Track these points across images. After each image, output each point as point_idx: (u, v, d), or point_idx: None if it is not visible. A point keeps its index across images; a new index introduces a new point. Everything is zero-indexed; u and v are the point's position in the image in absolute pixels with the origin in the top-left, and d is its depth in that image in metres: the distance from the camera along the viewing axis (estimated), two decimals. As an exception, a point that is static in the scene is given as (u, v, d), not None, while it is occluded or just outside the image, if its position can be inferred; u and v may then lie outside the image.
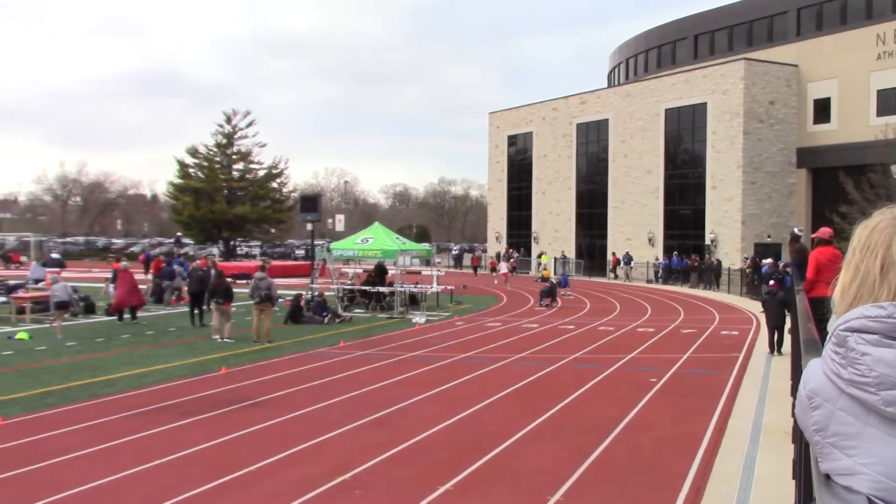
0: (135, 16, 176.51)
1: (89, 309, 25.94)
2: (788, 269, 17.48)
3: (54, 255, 49.31)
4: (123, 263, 25.04)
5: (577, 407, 12.50)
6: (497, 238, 63.91)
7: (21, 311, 24.07)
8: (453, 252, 72.62)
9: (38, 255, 44.75)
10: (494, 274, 49.58)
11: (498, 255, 60.31)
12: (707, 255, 44.31)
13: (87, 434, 10.42)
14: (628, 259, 48.62)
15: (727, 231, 45.51)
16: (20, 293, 26.22)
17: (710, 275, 41.47)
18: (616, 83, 63.80)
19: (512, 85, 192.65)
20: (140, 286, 25.18)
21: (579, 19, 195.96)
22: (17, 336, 19.93)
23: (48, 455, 9.37)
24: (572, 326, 24.00)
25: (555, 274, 44.96)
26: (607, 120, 53.80)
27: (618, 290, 40.20)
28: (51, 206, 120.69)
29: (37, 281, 30.91)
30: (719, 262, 42.41)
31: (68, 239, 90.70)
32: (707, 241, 46.19)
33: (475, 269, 58.26)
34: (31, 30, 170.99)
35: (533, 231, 60.11)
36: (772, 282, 18.85)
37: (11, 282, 29.95)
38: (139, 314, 24.22)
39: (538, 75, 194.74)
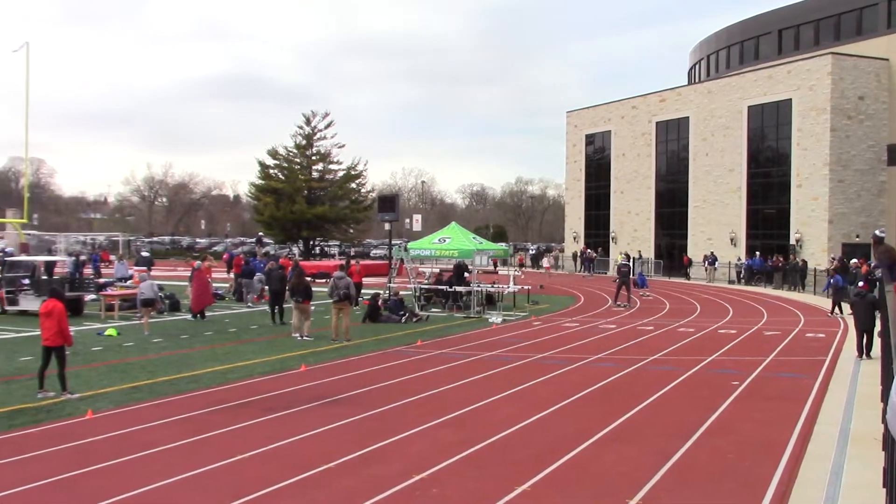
0: (220, 20, 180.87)
1: (174, 307, 26.65)
2: (879, 271, 16.89)
3: (144, 253, 50.77)
4: (197, 263, 25.69)
5: (656, 409, 12.31)
6: (574, 238, 63.42)
7: (110, 308, 24.88)
8: (530, 252, 72.37)
9: (121, 254, 46.19)
10: (520, 270, 50.56)
11: (575, 255, 59.93)
12: (792, 256, 43.13)
13: (173, 428, 10.70)
14: (713, 259, 47.60)
15: (813, 231, 44.20)
16: (109, 291, 27.13)
17: (795, 276, 40.34)
18: (697, 80, 62.64)
19: (590, 83, 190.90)
20: (223, 284, 25.68)
21: (659, 16, 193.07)
22: (106, 332, 20.60)
23: (136, 448, 9.65)
24: (651, 327, 23.65)
25: (632, 274, 44.39)
26: (688, 118, 52.86)
27: (698, 291, 39.46)
28: (138, 207, 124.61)
29: (121, 279, 31.92)
30: (805, 262, 41.22)
31: (155, 238, 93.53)
32: (792, 242, 44.96)
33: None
34: (122, 36, 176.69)
35: (611, 231, 59.46)
36: (861, 283, 18.26)
37: (101, 280, 30.97)
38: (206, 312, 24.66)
39: (616, 73, 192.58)
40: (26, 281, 25.73)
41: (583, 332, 22.61)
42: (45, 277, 26.89)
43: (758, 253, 45.24)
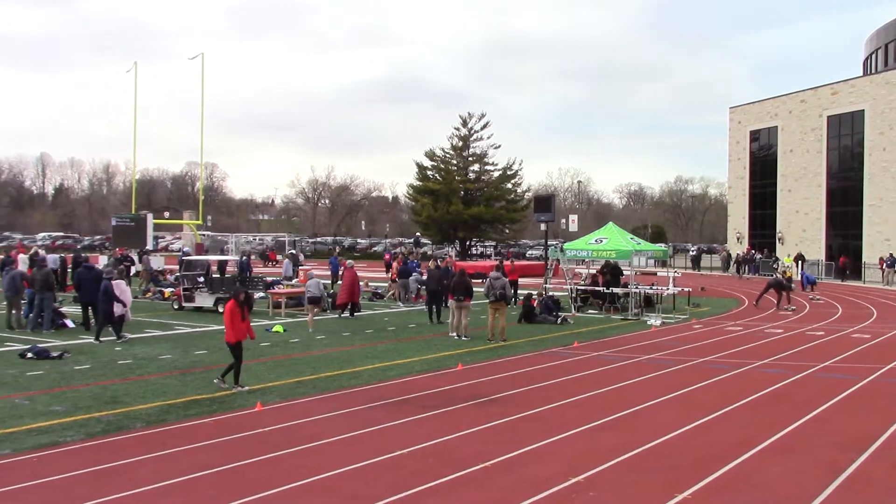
0: (378, 25, 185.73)
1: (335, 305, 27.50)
2: None
3: (291, 251, 52.88)
4: (349, 262, 26.61)
5: (827, 419, 11.68)
6: (738, 238, 61.11)
7: (277, 305, 25.98)
8: (691, 253, 70.30)
9: (288, 254, 48.26)
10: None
11: (739, 256, 57.70)
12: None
13: (335, 422, 11.06)
14: (891, 261, 44.66)
15: None
16: (276, 289, 28.35)
17: None
18: (873, 70, 59.01)
19: (754, 78, 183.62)
20: (382, 284, 26.16)
21: (831, 5, 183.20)
22: (274, 329, 21.51)
23: (301, 440, 10.04)
24: (822, 332, 22.46)
25: (797, 277, 42.38)
26: (863, 111, 49.90)
27: (875, 295, 37.15)
28: (303, 208, 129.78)
29: (288, 278, 33.38)
30: None
31: (318, 239, 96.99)
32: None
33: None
34: (287, 45, 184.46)
35: (777, 231, 56.90)
36: None
37: (269, 278, 32.42)
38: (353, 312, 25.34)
39: (782, 67, 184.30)
40: (201, 279, 27.29)
41: (747, 336, 21.74)
42: (216, 276, 28.45)
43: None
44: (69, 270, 32.20)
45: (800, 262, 48.90)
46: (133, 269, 35.09)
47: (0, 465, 8.93)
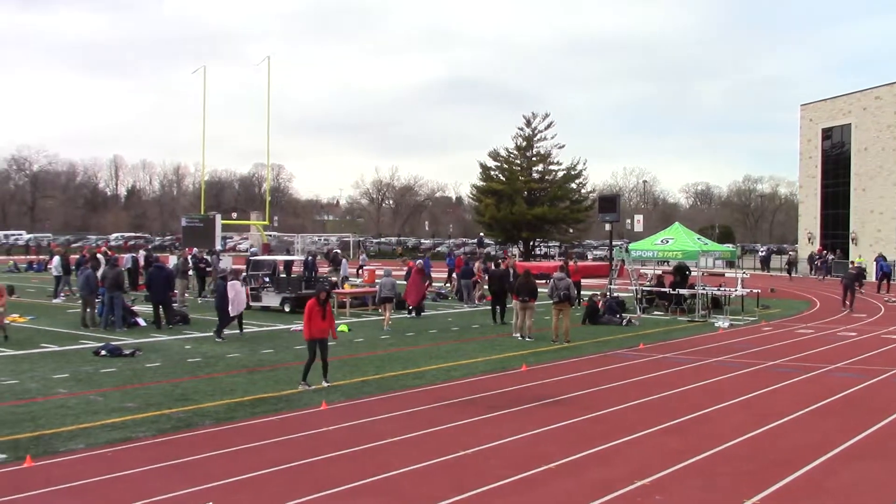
0: (446, 26, 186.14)
1: (400, 305, 27.63)
2: None
3: (336, 251, 53.17)
4: (418, 262, 26.83)
5: (904, 425, 11.33)
6: (809, 239, 59.66)
7: (342, 305, 26.22)
8: (760, 254, 68.90)
9: (345, 254, 48.64)
10: None
11: (811, 257, 56.31)
12: None
13: (400, 422, 11.12)
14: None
15: None
16: (341, 289, 28.62)
17: None
18: (952, 66, 57.08)
19: (825, 75, 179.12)
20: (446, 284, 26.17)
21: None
22: (339, 328, 21.67)
23: (365, 439, 10.11)
24: (898, 336, 21.79)
25: (873, 279, 41.14)
26: (942, 107, 48.29)
27: (953, 297, 35.87)
28: (367, 209, 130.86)
29: (345, 278, 33.81)
30: None
31: (382, 239, 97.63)
32: None
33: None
34: (355, 46, 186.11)
35: (851, 231, 55.37)
36: None
37: (334, 278, 32.75)
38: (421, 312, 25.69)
39: (855, 63, 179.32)
40: (268, 279, 27.70)
41: (818, 339, 21.21)
42: (283, 275, 28.87)
43: None
44: (141, 270, 32.98)
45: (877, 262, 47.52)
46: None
47: (75, 460, 9.20)
